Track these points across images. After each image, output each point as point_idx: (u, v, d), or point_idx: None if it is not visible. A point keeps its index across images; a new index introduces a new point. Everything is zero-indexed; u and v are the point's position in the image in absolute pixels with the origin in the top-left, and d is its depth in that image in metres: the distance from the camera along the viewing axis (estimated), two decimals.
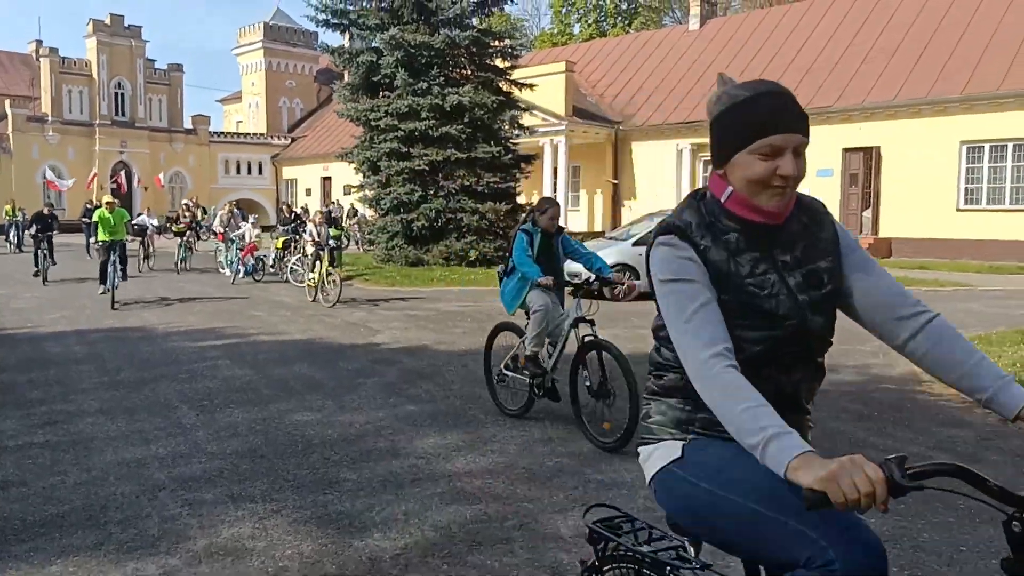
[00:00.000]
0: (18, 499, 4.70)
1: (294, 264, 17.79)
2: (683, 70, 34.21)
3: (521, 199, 34.00)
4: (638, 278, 14.58)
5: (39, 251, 17.82)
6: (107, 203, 14.05)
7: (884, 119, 25.86)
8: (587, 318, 5.96)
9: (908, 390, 7.41)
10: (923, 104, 24.75)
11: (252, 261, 18.30)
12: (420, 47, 21.48)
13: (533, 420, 6.35)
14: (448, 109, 21.35)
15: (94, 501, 4.66)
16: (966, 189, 24.66)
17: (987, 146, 24.16)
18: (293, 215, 23.15)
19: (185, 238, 21.12)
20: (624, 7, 60.60)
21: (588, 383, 5.73)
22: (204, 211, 33.90)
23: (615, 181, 33.53)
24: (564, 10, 63.29)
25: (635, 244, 14.84)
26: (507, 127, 23.10)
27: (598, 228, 32.40)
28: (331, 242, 15.24)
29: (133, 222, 22.48)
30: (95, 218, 14.15)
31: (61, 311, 13.25)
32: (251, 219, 19.97)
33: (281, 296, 15.54)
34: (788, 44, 31.23)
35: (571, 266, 14.90)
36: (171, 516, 4.43)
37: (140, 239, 21.14)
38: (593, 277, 6.04)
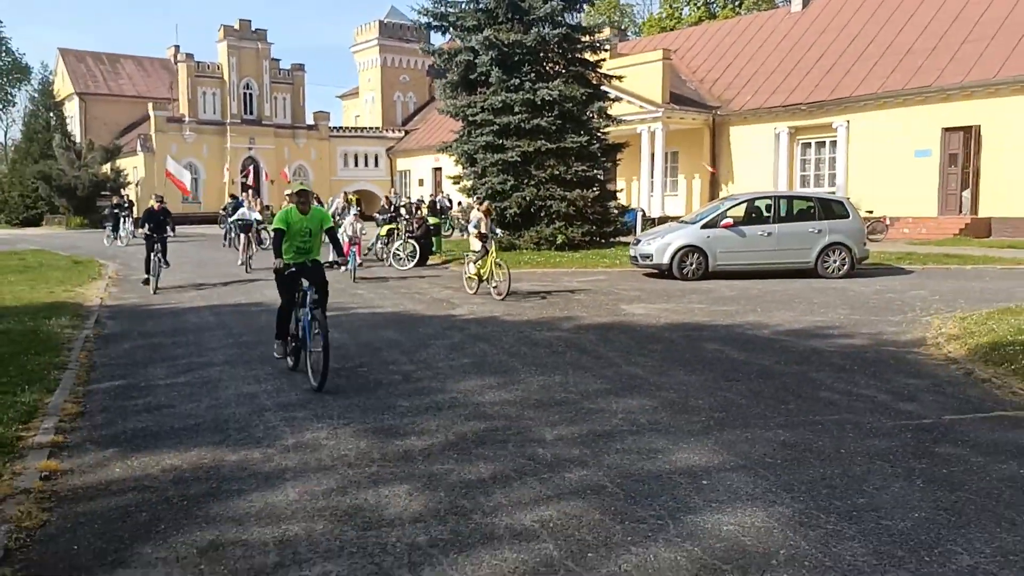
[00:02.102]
0: (168, 415, 6.51)
1: (396, 250, 19.65)
2: (783, 53, 34.27)
3: (621, 184, 35.46)
4: (705, 260, 15.65)
5: (151, 255, 15.49)
6: (297, 194, 7.98)
7: (985, 97, 25.46)
8: None
9: (903, 352, 8.37)
10: None
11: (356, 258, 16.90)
12: (513, 46, 22.95)
13: (558, 368, 7.76)
14: (539, 103, 22.75)
15: (219, 417, 6.42)
16: None
17: None
18: (392, 206, 24.73)
19: None
20: None
21: None
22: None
23: (712, 169, 34.03)
24: None
25: (703, 227, 15.83)
26: (596, 117, 24.25)
27: None
28: (483, 231, 14.13)
29: (233, 218, 22.21)
30: (276, 223, 7.93)
31: (197, 291, 15.51)
32: (352, 211, 19.17)
33: (383, 277, 17.36)
34: (891, 23, 30.83)
35: (643, 247, 16.12)
36: (272, 426, 6.13)
37: (244, 234, 19.76)
38: None
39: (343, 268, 9.55)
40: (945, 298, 12.18)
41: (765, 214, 16.11)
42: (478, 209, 15.10)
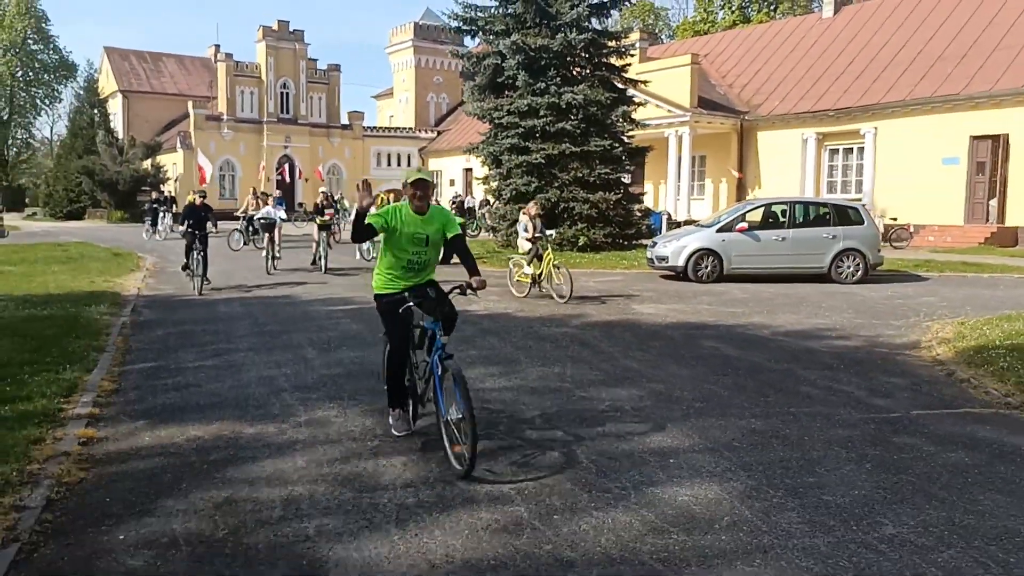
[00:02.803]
0: (195, 393, 7.09)
1: None
2: (813, 59, 34.35)
3: (648, 187, 35.80)
4: (720, 263, 15.98)
5: (192, 252, 14.75)
6: (413, 184, 5.48)
7: (1014, 105, 25.41)
8: None
9: (893, 353, 8.69)
10: None
11: None
12: (540, 50, 23.43)
13: (559, 361, 8.21)
14: (564, 107, 23.21)
15: (240, 396, 6.98)
16: None
17: None
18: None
19: (329, 232, 19.28)
20: None
21: None
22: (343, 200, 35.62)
23: (738, 174, 34.17)
24: None
25: (719, 231, 16.17)
26: (620, 121, 24.63)
27: None
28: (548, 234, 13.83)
29: (259, 216, 20.20)
30: (373, 220, 5.49)
31: (228, 282, 16.18)
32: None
33: None
34: (921, 30, 30.81)
35: (659, 250, 16.47)
36: (288, 405, 6.67)
37: (268, 235, 18.63)
38: None
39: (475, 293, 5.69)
40: (953, 305, 12.41)
41: (780, 219, 16.41)
42: (524, 212, 14.56)
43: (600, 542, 3.92)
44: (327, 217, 19.63)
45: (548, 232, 14.25)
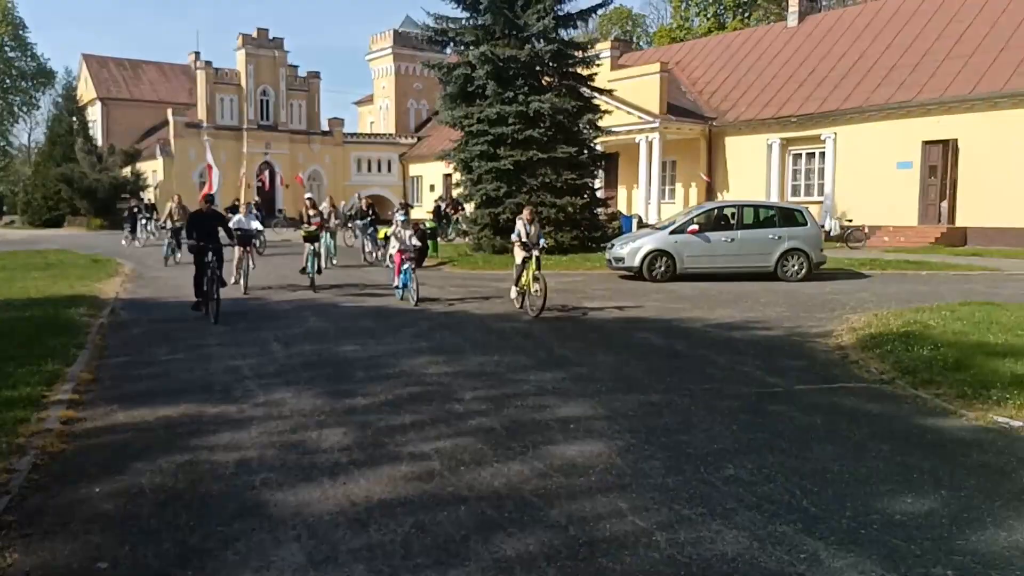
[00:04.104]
0: (165, 381, 7.87)
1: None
2: (778, 66, 35.46)
3: (622, 191, 36.77)
4: (673, 263, 16.88)
5: (204, 265, 12.24)
6: None
7: (962, 112, 26.57)
8: None
9: (804, 340, 9.59)
10: (999, 97, 25.35)
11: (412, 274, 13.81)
12: (508, 60, 24.28)
13: (499, 351, 9.04)
14: (531, 115, 24.07)
15: (207, 382, 7.77)
16: None
17: None
18: (371, 209, 25.69)
19: (316, 245, 16.75)
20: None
21: None
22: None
23: (707, 178, 35.16)
24: (683, 5, 64.67)
25: (671, 232, 17.08)
26: (587, 129, 25.54)
27: None
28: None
29: (230, 225, 14.59)
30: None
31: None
32: (400, 217, 15.79)
33: (375, 277, 18.66)
34: (878, 40, 31.99)
35: (616, 251, 17.36)
36: (248, 389, 7.46)
37: (242, 248, 15.58)
38: None
39: None
40: (882, 299, 13.32)
41: (730, 221, 17.34)
42: (519, 218, 13.54)
43: (493, 485, 4.76)
44: (313, 227, 17.04)
45: (540, 241, 13.28)
